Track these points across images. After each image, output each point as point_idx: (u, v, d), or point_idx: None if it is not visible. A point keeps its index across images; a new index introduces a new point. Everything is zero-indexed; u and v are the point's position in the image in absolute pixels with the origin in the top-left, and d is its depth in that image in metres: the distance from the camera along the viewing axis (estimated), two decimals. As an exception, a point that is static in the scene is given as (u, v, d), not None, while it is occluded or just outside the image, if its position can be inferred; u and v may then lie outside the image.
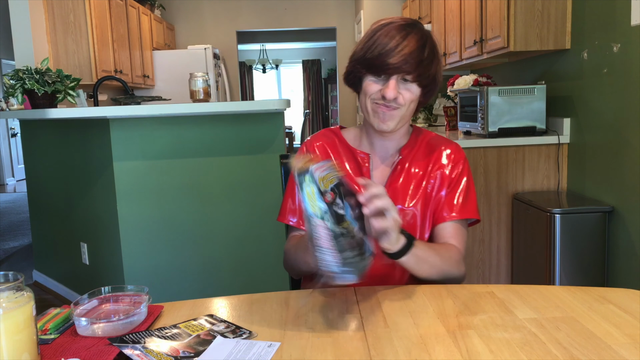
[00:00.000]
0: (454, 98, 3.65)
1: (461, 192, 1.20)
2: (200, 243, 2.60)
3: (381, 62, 1.07)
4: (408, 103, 1.12)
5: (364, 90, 1.13)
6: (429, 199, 1.20)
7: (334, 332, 0.88)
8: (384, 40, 1.07)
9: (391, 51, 1.06)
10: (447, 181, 1.20)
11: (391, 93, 1.08)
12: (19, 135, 8.51)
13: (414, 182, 1.20)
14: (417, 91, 1.12)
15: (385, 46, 1.07)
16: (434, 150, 1.23)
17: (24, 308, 0.75)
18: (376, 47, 1.08)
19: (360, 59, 1.12)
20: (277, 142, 2.60)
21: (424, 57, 1.07)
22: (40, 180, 3.27)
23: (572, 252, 2.38)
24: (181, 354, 0.81)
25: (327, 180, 0.88)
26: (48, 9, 3.88)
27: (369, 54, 1.09)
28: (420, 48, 1.07)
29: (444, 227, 1.19)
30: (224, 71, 6.60)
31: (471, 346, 0.82)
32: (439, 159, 1.22)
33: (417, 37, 1.08)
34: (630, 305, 0.95)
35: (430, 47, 1.10)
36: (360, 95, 1.16)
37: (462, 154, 1.24)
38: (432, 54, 1.10)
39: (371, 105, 1.13)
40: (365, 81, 1.13)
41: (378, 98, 1.11)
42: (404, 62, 1.06)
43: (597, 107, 2.45)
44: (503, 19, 2.69)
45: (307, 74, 11.37)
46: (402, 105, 1.11)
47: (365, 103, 1.15)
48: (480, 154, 2.72)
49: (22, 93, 2.67)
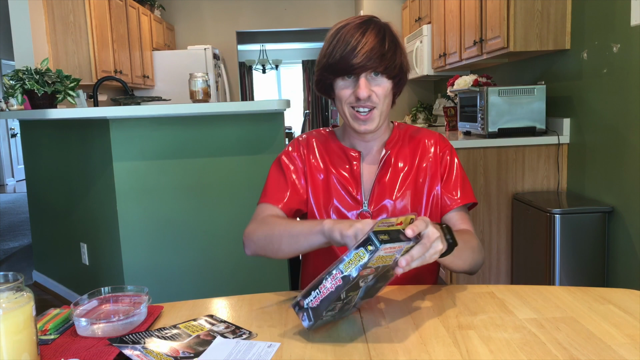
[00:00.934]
0: (454, 98, 3.65)
1: (456, 179, 1.23)
2: (200, 243, 2.60)
3: (345, 65, 1.08)
4: (382, 99, 1.12)
5: (338, 96, 1.14)
6: (420, 192, 1.22)
7: (334, 332, 0.88)
8: (343, 43, 1.08)
9: (353, 51, 1.07)
10: (438, 173, 1.22)
11: (364, 92, 1.09)
12: (18, 136, 8.51)
13: (402, 175, 1.22)
14: (387, 84, 1.12)
15: (345, 48, 1.07)
16: (419, 142, 1.25)
17: (23, 308, 0.75)
18: (337, 51, 1.08)
19: (325, 65, 1.12)
20: (277, 142, 2.60)
21: (385, 50, 1.08)
22: (40, 180, 3.27)
23: (572, 252, 2.38)
24: (181, 354, 0.81)
25: (381, 260, 0.83)
26: (48, 9, 3.88)
27: (331, 59, 1.10)
28: (380, 42, 1.08)
29: (451, 217, 1.21)
30: (224, 71, 6.59)
31: (471, 346, 0.82)
32: (425, 151, 1.24)
33: (375, 32, 1.09)
34: (630, 305, 0.95)
35: (390, 38, 1.10)
36: (336, 101, 1.17)
37: (446, 143, 1.26)
38: (394, 44, 1.10)
39: (349, 110, 1.14)
40: (336, 87, 1.14)
41: (353, 101, 1.12)
42: (368, 59, 1.06)
43: (597, 107, 2.45)
44: (503, 19, 2.69)
45: (307, 74, 11.37)
46: (378, 103, 1.12)
47: (342, 109, 1.15)
48: (480, 154, 2.72)
49: (22, 93, 2.67)
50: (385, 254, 0.82)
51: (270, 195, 1.22)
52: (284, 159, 1.25)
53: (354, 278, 0.82)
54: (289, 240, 1.06)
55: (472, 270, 1.14)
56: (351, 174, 1.22)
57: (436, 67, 4.28)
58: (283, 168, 1.24)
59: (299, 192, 1.22)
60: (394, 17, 5.66)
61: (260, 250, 1.14)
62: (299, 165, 1.24)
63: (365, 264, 0.80)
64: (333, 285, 0.83)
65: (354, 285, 0.84)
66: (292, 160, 1.25)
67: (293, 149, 1.26)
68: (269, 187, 1.24)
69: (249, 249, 1.16)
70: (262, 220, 1.16)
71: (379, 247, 0.79)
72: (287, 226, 1.08)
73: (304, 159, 1.24)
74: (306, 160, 1.24)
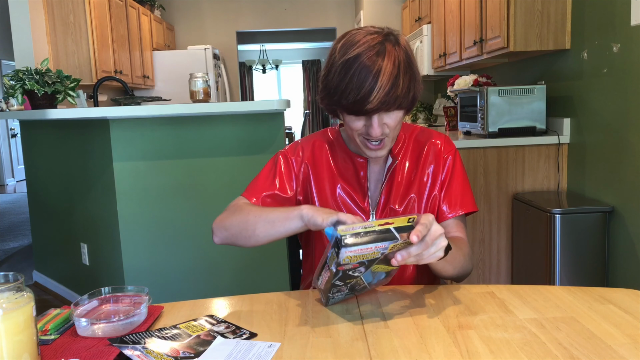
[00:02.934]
0: (454, 98, 3.65)
1: (457, 187, 1.20)
2: (200, 243, 2.60)
3: (359, 108, 1.03)
4: (394, 128, 1.09)
5: (348, 124, 1.10)
6: (422, 195, 1.20)
7: (334, 332, 0.88)
8: (356, 85, 1.00)
9: (367, 96, 1.00)
10: (440, 176, 1.20)
11: (376, 132, 1.06)
12: (19, 136, 8.52)
13: (408, 179, 1.20)
14: (400, 114, 1.08)
15: (359, 91, 1.00)
16: (424, 145, 1.22)
17: (24, 309, 0.75)
18: (350, 93, 1.01)
19: (335, 101, 1.06)
20: (277, 142, 2.60)
21: (399, 91, 1.01)
22: (40, 180, 3.27)
23: (572, 252, 2.38)
24: (181, 354, 0.81)
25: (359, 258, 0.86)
26: (48, 9, 3.88)
27: (344, 100, 1.03)
28: (394, 81, 1.00)
29: (447, 225, 1.19)
30: (224, 71, 6.60)
31: (471, 346, 0.82)
32: (429, 153, 1.21)
33: (390, 68, 1.00)
34: (630, 305, 0.95)
35: (405, 71, 1.02)
36: (345, 126, 1.13)
37: (452, 146, 1.23)
38: (408, 79, 1.03)
39: (359, 139, 1.11)
40: (346, 117, 1.09)
41: (364, 133, 1.09)
42: (382, 103, 1.01)
43: (597, 107, 2.45)
44: (503, 19, 2.69)
45: (307, 74, 11.37)
46: (389, 133, 1.09)
47: (352, 135, 1.11)
48: (480, 154, 2.72)
49: (22, 94, 2.67)
50: (359, 254, 0.85)
51: (251, 191, 1.20)
52: (280, 159, 1.23)
53: (336, 272, 0.88)
54: (264, 225, 1.04)
55: (459, 278, 1.12)
56: (358, 183, 1.20)
57: (436, 67, 4.28)
58: (276, 167, 1.22)
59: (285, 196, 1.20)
60: (394, 17, 5.66)
61: (231, 238, 1.12)
62: (294, 169, 1.22)
63: (339, 263, 0.85)
64: (326, 275, 0.92)
65: (344, 275, 0.90)
66: (287, 162, 1.22)
67: (291, 152, 1.24)
68: (254, 183, 1.22)
69: (217, 237, 1.15)
70: (235, 208, 1.15)
71: (341, 250, 0.83)
72: (262, 212, 1.07)
73: (301, 163, 1.22)
74: (306, 165, 1.22)
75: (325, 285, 0.94)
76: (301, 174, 1.22)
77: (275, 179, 1.21)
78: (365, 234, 0.84)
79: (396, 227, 0.85)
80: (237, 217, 1.11)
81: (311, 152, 1.23)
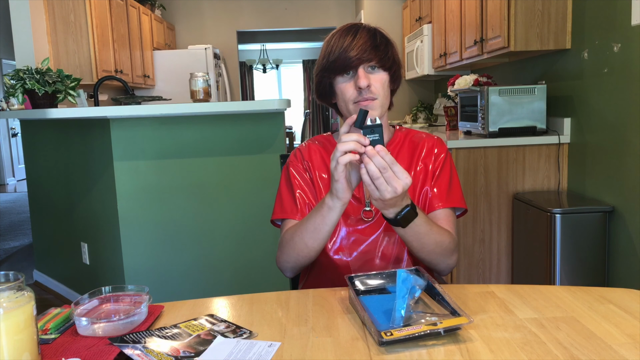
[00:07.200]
0: (455, 98, 3.65)
1: (445, 181, 1.25)
2: (200, 243, 2.61)
3: (344, 59, 1.16)
4: (381, 90, 1.18)
5: (341, 95, 1.19)
6: (415, 188, 1.25)
7: (334, 332, 0.88)
8: (338, 43, 1.18)
9: (348, 47, 1.16)
10: (431, 171, 1.25)
11: (363, 81, 1.14)
12: (19, 135, 8.52)
13: None
14: (384, 75, 1.18)
15: (342, 46, 1.17)
16: (417, 145, 1.28)
17: (24, 308, 0.75)
18: (334, 50, 1.18)
19: (324, 66, 1.20)
20: (277, 142, 2.60)
21: (377, 43, 1.17)
22: (41, 180, 3.27)
23: (573, 252, 2.38)
24: (182, 353, 0.81)
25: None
26: (48, 9, 3.88)
27: (331, 57, 1.18)
28: (372, 37, 1.17)
29: (435, 215, 1.22)
30: (225, 71, 6.60)
31: (471, 346, 0.82)
32: (422, 151, 1.27)
33: (365, 31, 1.19)
34: (630, 305, 0.95)
35: (381, 34, 1.20)
36: (339, 102, 1.21)
37: (444, 147, 1.29)
38: (385, 39, 1.20)
39: (353, 107, 1.18)
40: (337, 85, 1.19)
41: (355, 96, 1.17)
42: (363, 52, 1.15)
43: (598, 107, 2.45)
44: (503, 18, 2.68)
45: (307, 74, 11.37)
46: (378, 94, 1.17)
47: (346, 107, 1.19)
48: (480, 154, 2.72)
49: (22, 93, 2.67)
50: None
51: (287, 211, 1.26)
52: (292, 171, 1.28)
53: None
54: (311, 235, 1.11)
55: (436, 267, 1.17)
56: None
57: (437, 66, 4.28)
58: (291, 180, 1.27)
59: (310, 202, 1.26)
60: (394, 16, 5.65)
61: (297, 265, 1.20)
62: (305, 176, 1.27)
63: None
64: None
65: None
66: (296, 169, 1.28)
67: (296, 160, 1.30)
68: (280, 203, 1.27)
69: (288, 272, 1.24)
70: (282, 240, 1.22)
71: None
72: (301, 227, 1.14)
73: (307, 166, 1.28)
74: (309, 167, 1.28)
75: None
76: (307, 172, 1.29)
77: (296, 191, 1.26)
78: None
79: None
80: (287, 247, 1.19)
81: (308, 152, 1.31)
